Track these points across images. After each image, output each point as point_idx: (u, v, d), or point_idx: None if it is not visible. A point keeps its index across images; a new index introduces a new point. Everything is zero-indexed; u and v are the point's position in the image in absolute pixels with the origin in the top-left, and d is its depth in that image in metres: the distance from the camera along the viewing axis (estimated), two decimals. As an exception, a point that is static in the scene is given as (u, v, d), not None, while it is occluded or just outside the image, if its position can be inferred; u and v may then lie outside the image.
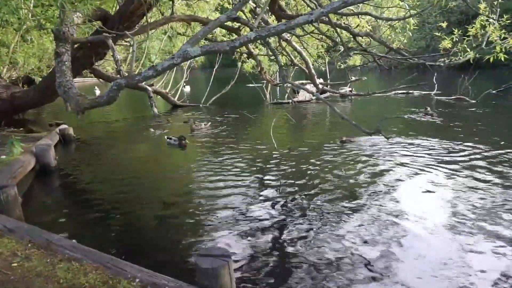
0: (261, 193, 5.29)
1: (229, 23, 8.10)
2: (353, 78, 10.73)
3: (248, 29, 7.87)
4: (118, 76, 5.63)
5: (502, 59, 5.91)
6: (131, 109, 16.36)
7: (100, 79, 11.76)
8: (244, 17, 8.33)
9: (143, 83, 4.87)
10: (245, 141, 8.51)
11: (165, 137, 8.84)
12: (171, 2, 7.73)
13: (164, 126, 10.89)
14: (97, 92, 20.04)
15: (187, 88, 19.08)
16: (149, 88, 5.26)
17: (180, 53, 4.11)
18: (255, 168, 6.48)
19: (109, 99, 4.79)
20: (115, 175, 6.54)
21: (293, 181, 5.72)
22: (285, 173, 6.15)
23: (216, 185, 5.66)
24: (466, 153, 6.94)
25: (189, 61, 15.46)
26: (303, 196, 5.11)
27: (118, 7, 7.46)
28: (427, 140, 8.02)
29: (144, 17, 6.94)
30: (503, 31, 5.92)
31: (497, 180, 5.42)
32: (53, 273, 2.70)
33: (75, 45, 6.66)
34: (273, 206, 4.80)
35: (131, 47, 6.55)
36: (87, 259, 2.86)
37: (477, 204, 4.62)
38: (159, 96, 14.35)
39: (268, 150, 7.53)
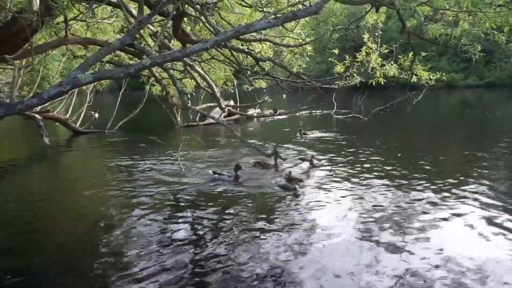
0: (168, 225, 5.10)
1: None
2: (261, 100, 11.19)
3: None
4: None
5: (382, 82, 6.84)
6: (23, 138, 14.62)
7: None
8: (146, 41, 8.18)
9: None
10: (153, 169, 7.94)
11: (210, 171, 7.08)
12: (64, 24, 7.18)
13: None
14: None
15: (96, 114, 18.03)
16: (38, 117, 4.82)
17: (69, 80, 3.80)
18: (160, 198, 6.20)
19: (-16, 131, 4.21)
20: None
21: (200, 208, 5.66)
22: (194, 199, 6.05)
23: (117, 220, 5.29)
24: (365, 164, 7.71)
25: (92, 84, 14.54)
26: (215, 222, 5.07)
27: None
28: (332, 155, 8.69)
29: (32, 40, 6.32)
30: (380, 59, 6.81)
31: (393, 189, 6.14)
32: None
33: None
34: (177, 236, 4.67)
35: (14, 71, 5.89)
36: None
37: (381, 212, 5.15)
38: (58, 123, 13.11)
39: (177, 176, 7.28)
